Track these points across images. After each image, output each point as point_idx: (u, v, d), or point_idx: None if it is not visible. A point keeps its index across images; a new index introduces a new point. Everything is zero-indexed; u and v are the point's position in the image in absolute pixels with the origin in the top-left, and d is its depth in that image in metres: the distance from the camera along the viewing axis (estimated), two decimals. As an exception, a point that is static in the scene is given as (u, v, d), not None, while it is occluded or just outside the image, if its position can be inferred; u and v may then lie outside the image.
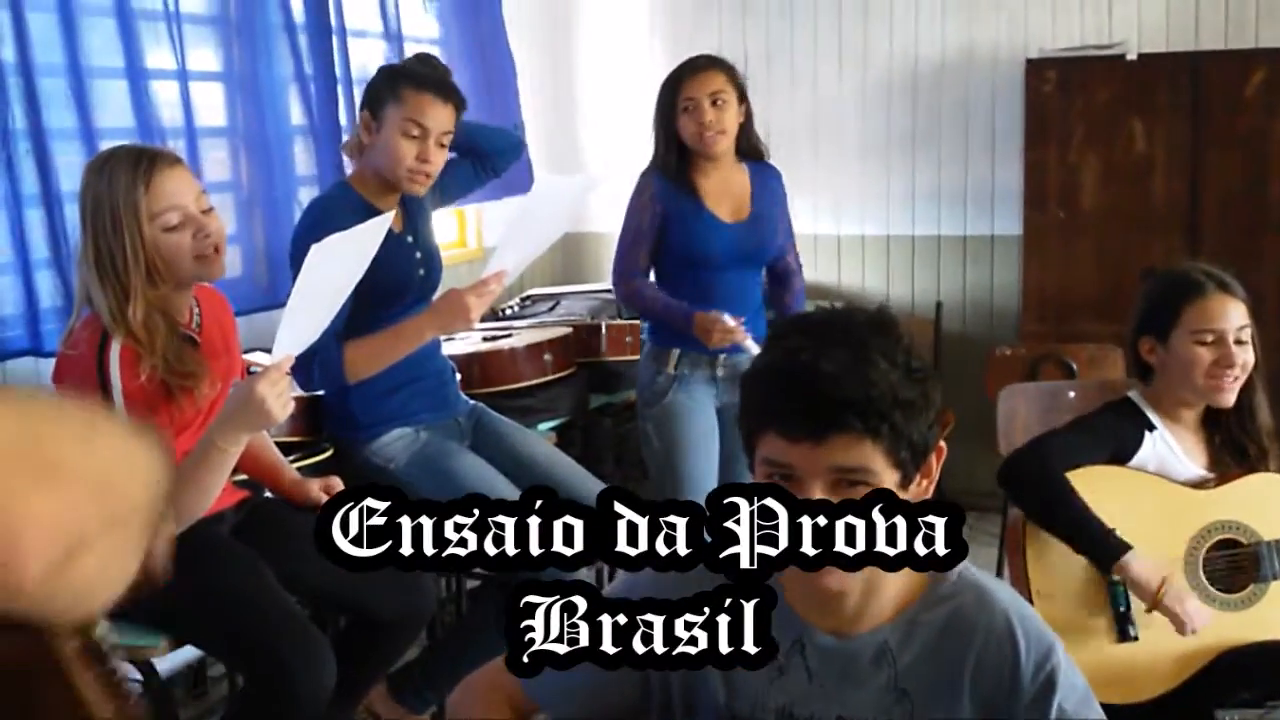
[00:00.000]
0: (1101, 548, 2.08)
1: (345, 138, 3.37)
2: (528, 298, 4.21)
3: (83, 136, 2.91)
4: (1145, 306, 2.28)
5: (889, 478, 1.22)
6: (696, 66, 3.04)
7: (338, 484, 2.41)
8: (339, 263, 2.02)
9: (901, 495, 1.24)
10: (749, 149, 3.13)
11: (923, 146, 4.84)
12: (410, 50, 4.05)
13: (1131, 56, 4.30)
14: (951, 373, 4.60)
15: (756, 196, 3.13)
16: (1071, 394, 3.00)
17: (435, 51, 4.18)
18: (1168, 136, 4.24)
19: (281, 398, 1.90)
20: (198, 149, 3.28)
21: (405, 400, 2.65)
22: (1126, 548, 2.07)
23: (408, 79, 2.58)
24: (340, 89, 3.67)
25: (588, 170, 4.78)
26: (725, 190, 3.09)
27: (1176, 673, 2.11)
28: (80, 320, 2.05)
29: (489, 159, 2.95)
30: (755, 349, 2.87)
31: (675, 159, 3.04)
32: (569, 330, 3.57)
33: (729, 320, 2.88)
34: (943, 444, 1.30)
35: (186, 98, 3.23)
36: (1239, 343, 2.15)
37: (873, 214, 4.95)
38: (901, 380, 1.21)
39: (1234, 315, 2.16)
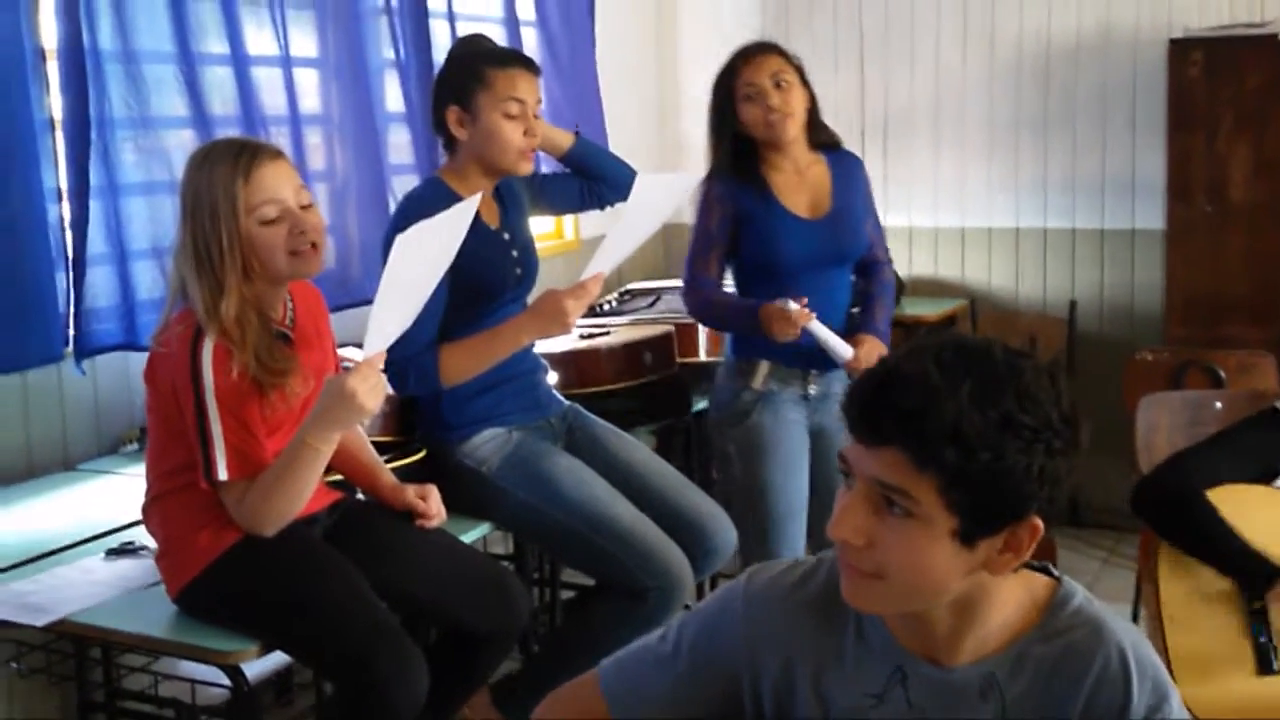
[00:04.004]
0: (1254, 570, 2.06)
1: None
2: (626, 292, 4.25)
3: (193, 124, 3.03)
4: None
5: (942, 519, 1.20)
6: (752, 51, 2.95)
7: (434, 492, 2.46)
8: (426, 252, 2.07)
9: (960, 551, 1.21)
10: (822, 138, 3.04)
11: (1056, 133, 4.80)
12: (525, 34, 4.16)
13: (1288, 36, 4.19)
14: (1087, 378, 4.58)
15: (838, 189, 3.01)
16: (1218, 404, 2.95)
17: (531, 35, 4.26)
18: (1328, 123, 4.13)
19: (374, 391, 1.96)
20: (302, 137, 3.39)
21: (496, 400, 2.69)
22: (1278, 570, 2.04)
23: (486, 59, 2.64)
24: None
25: (689, 165, 4.82)
26: (801, 184, 2.98)
27: None
28: (174, 315, 2.13)
29: (601, 186, 3.00)
30: (823, 330, 2.79)
31: (742, 153, 2.94)
32: (670, 328, 3.59)
33: (791, 305, 2.76)
34: (1039, 522, 1.23)
35: (290, 84, 3.34)
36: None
37: (1001, 205, 4.92)
38: (990, 426, 1.17)
39: None
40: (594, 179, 3.00)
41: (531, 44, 4.22)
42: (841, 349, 2.81)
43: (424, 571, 2.32)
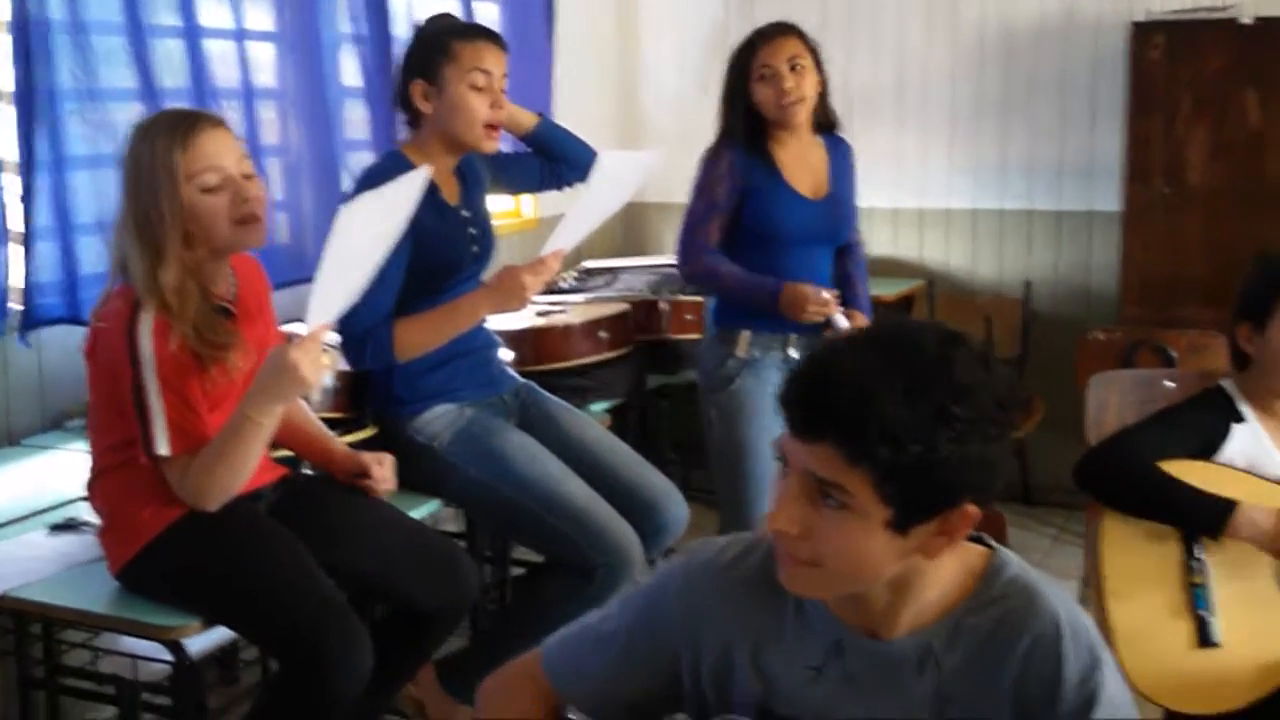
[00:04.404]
0: (1207, 511, 2.11)
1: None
2: (585, 270, 4.26)
3: (141, 97, 3.01)
4: (1244, 292, 2.30)
5: (876, 511, 1.22)
6: (772, 32, 3.03)
7: (389, 459, 2.46)
8: (373, 224, 2.07)
9: (894, 538, 1.24)
10: (824, 120, 3.14)
11: (1016, 115, 4.85)
12: (479, 10, 4.15)
13: (1246, 20, 4.26)
14: (1041, 358, 4.65)
15: (834, 173, 3.13)
16: (1169, 383, 2.97)
17: (491, 11, 4.26)
18: (1283, 108, 4.20)
19: (316, 364, 1.95)
20: (254, 111, 3.37)
21: (449, 376, 2.70)
22: (1233, 503, 2.09)
23: (452, 33, 2.65)
24: (397, 50, 3.74)
25: (650, 143, 4.82)
26: (803, 164, 3.08)
27: (1263, 681, 2.11)
28: (114, 290, 2.12)
29: (561, 167, 3.03)
30: (845, 323, 2.90)
31: (753, 130, 3.03)
32: (627, 307, 3.61)
33: (824, 292, 2.89)
34: (974, 508, 1.26)
35: (244, 58, 3.33)
36: (1341, 337, 2.14)
37: (959, 186, 4.97)
38: (920, 420, 1.19)
39: None
40: (555, 160, 3.03)
41: (490, 21, 4.20)
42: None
43: (372, 547, 2.32)
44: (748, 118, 3.02)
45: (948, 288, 4.96)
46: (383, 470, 2.43)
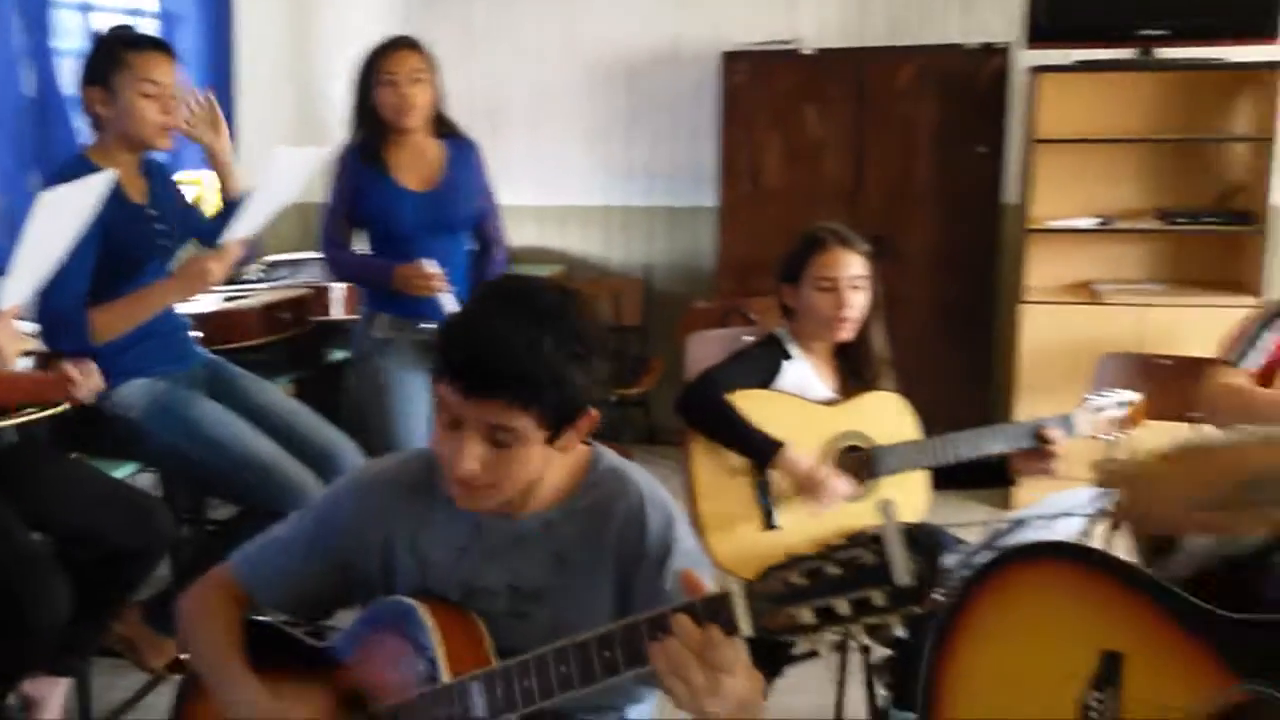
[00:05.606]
0: (762, 447, 2.40)
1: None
2: (270, 263, 4.25)
3: None
4: (785, 257, 2.61)
5: (536, 437, 1.39)
6: (397, 44, 3.08)
7: (91, 366, 2.30)
8: (62, 215, 2.08)
9: (547, 449, 1.40)
10: (445, 127, 3.17)
11: (637, 126, 5.12)
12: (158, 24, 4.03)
13: (808, 51, 4.68)
14: (658, 325, 4.94)
15: (450, 168, 3.15)
16: (747, 338, 3.31)
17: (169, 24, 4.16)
18: (837, 121, 4.67)
19: (15, 339, 1.96)
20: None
21: (141, 354, 2.69)
22: (781, 443, 2.40)
23: (126, 44, 2.63)
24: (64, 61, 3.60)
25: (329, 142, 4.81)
26: (415, 161, 3.12)
27: (812, 549, 2.43)
28: None
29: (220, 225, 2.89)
30: (453, 304, 2.95)
31: (370, 132, 3.07)
32: (308, 291, 3.66)
33: (429, 266, 2.95)
34: (595, 411, 1.44)
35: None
36: (854, 289, 2.50)
37: (592, 186, 5.20)
38: (564, 362, 1.34)
39: (850, 265, 2.50)
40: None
41: (170, 33, 4.10)
42: None
43: (71, 500, 2.32)
44: (370, 121, 3.06)
45: (585, 272, 5.17)
46: (80, 371, 2.28)
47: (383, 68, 3.04)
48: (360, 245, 3.24)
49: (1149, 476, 1.48)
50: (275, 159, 2.69)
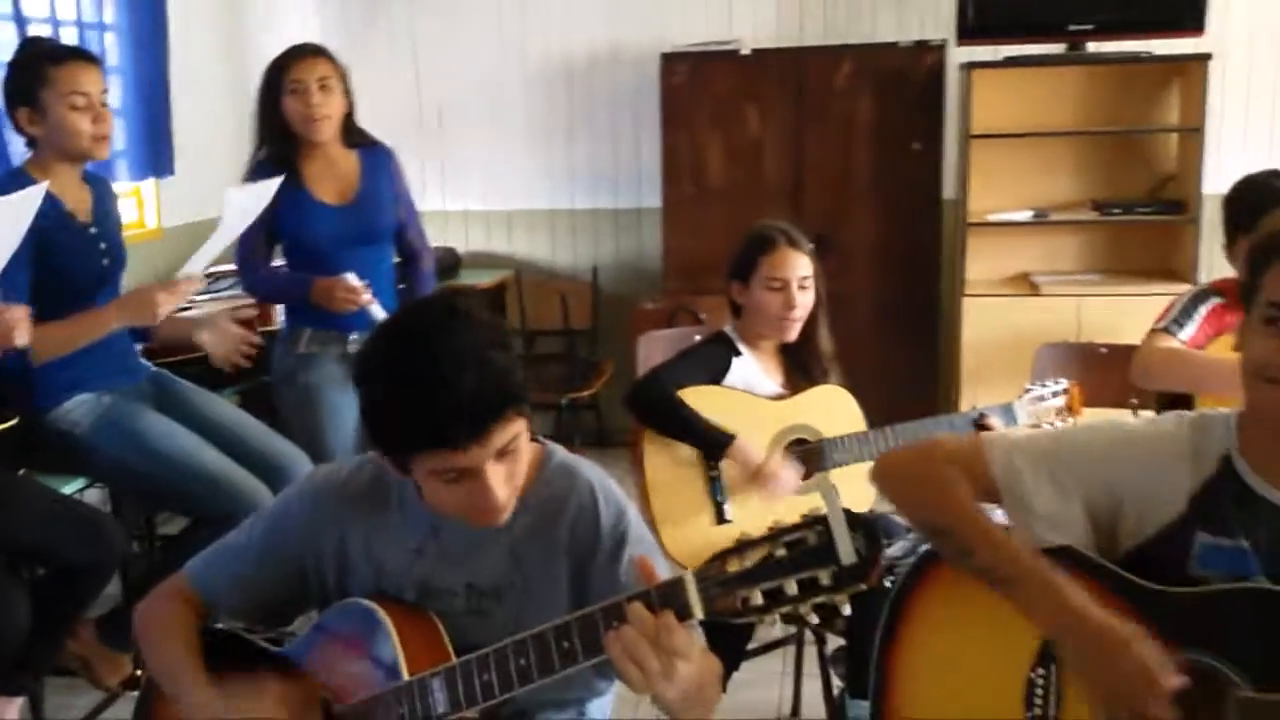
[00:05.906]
0: (714, 439, 2.44)
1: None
2: (213, 275, 4.21)
3: None
4: (734, 256, 2.65)
5: (526, 433, 1.43)
6: (304, 52, 2.97)
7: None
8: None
9: (530, 442, 1.47)
10: (357, 136, 3.08)
11: (579, 131, 5.14)
12: (89, 37, 3.98)
13: (746, 52, 4.72)
14: (608, 327, 4.96)
15: (365, 178, 3.07)
16: (697, 337, 3.36)
17: (102, 36, 4.11)
18: (777, 120, 4.72)
19: None
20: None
21: (86, 368, 2.66)
22: (733, 435, 2.43)
23: (45, 58, 2.59)
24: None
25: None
26: (330, 174, 3.03)
27: None
28: None
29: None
30: (381, 314, 2.89)
31: (280, 145, 2.97)
32: (249, 302, 3.63)
33: (351, 280, 2.88)
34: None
35: None
36: (801, 289, 2.55)
37: (539, 190, 5.22)
38: (510, 358, 1.39)
39: (799, 266, 2.55)
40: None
41: (101, 44, 4.06)
42: None
43: (23, 516, 2.31)
44: (278, 134, 2.97)
45: (532, 275, 5.18)
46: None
47: (289, 76, 2.94)
48: (277, 260, 3.17)
49: None
50: (227, 200, 2.68)
